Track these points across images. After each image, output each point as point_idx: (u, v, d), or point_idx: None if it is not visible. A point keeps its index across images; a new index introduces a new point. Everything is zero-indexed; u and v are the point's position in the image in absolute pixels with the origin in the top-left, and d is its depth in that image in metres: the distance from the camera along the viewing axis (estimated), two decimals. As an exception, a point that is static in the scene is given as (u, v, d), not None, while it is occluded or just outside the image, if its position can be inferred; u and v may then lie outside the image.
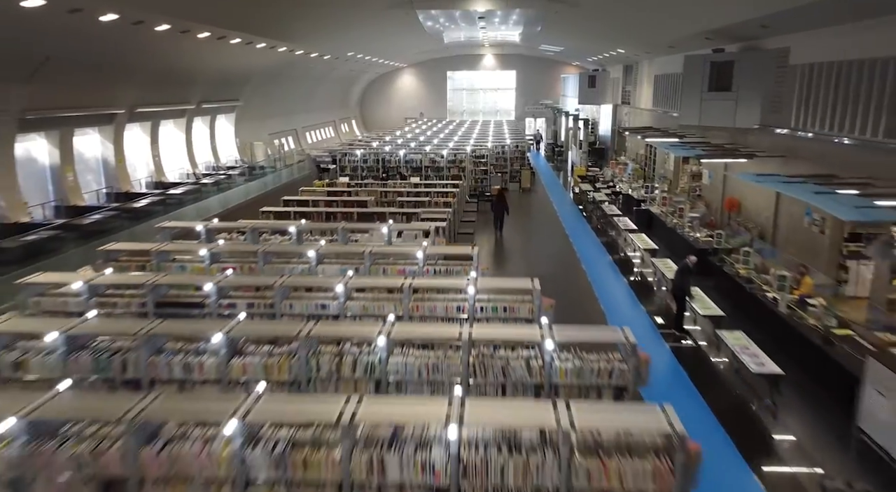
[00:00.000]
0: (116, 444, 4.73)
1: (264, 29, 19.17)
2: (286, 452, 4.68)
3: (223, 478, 4.71)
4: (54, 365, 6.21)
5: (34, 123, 15.01)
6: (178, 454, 4.69)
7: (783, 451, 7.64)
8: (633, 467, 4.55)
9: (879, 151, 10.88)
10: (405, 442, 4.73)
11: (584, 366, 6.02)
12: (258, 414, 4.79)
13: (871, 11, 11.07)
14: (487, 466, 4.59)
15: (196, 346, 6.44)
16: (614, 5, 20.51)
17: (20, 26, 11.69)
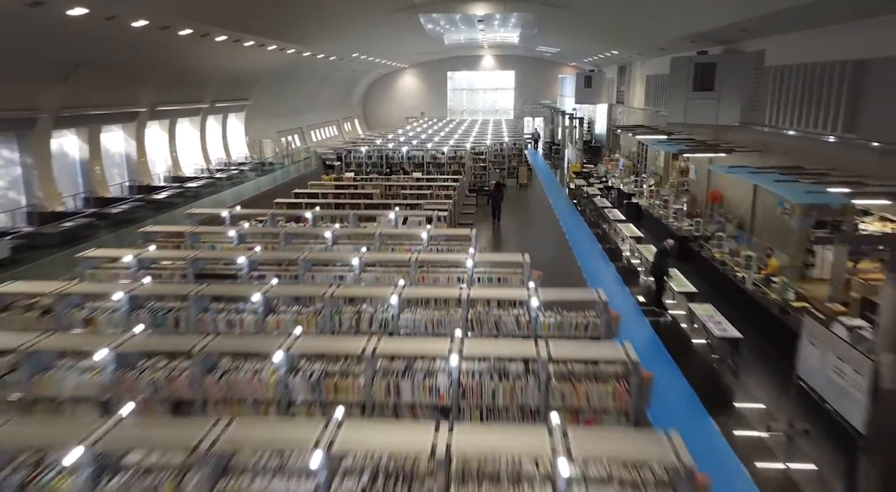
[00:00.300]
0: (184, 372, 5.90)
1: (276, 31, 20.34)
2: (320, 379, 5.85)
3: (270, 399, 5.87)
4: (119, 320, 7.38)
5: (67, 121, 16.24)
6: (235, 381, 5.86)
7: (738, 399, 8.82)
8: (598, 389, 5.72)
9: (839, 145, 12.06)
10: (416, 371, 5.90)
11: (564, 320, 7.19)
12: (297, 349, 5.97)
13: (834, 18, 12.23)
14: (482, 389, 5.76)
15: (236, 306, 7.61)
16: (605, 9, 21.67)
17: (60, 32, 12.84)
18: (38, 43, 12.71)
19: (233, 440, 4.40)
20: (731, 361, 9.48)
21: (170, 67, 18.96)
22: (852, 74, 11.80)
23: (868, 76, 11.50)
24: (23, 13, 10.74)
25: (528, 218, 21.99)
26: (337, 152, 26.33)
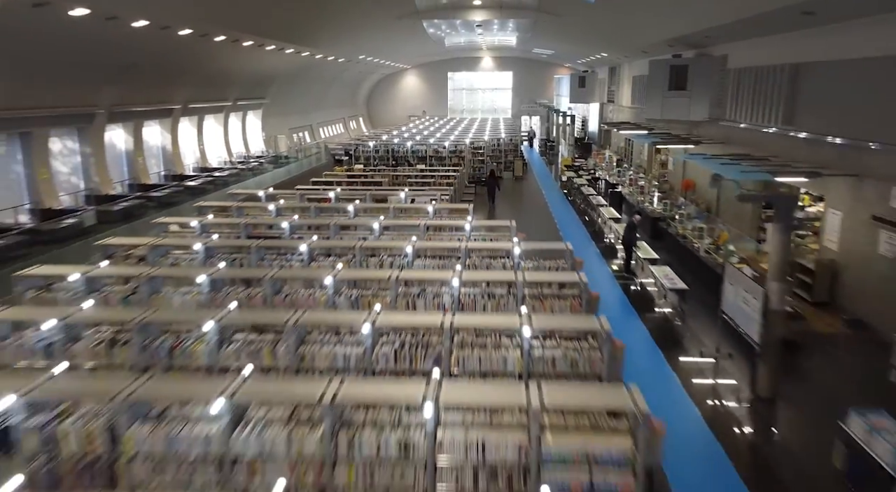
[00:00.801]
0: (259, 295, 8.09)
1: (294, 36, 22.52)
2: (358, 298, 8.03)
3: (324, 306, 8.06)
4: (198, 265, 9.58)
5: (117, 116, 18.46)
6: (296, 299, 8.04)
7: (682, 336, 11.04)
8: (559, 304, 7.91)
9: (780, 136, 14.27)
10: (426, 293, 8.09)
11: (540, 266, 9.39)
12: (339, 277, 8.16)
13: (777, 28, 14.43)
14: (475, 303, 7.95)
15: (285, 256, 9.81)
16: (592, 15, 23.87)
17: (118, 40, 15.01)
18: (99, 50, 14.89)
19: (308, 322, 6.60)
20: (679, 308, 11.70)
21: (201, 70, 21.19)
22: (789, 76, 14.02)
23: (801, 77, 13.72)
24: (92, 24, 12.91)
25: (521, 206, 24.19)
26: (345, 148, 28.53)
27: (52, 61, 14.17)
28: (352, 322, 6.62)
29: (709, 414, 8.58)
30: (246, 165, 25.19)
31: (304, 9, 19.86)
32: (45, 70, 14.35)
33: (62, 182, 17.04)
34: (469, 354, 6.35)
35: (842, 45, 12.05)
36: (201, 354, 6.46)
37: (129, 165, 20.12)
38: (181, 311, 7.50)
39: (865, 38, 11.26)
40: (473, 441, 4.85)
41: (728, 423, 8.39)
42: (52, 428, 4.94)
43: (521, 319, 6.54)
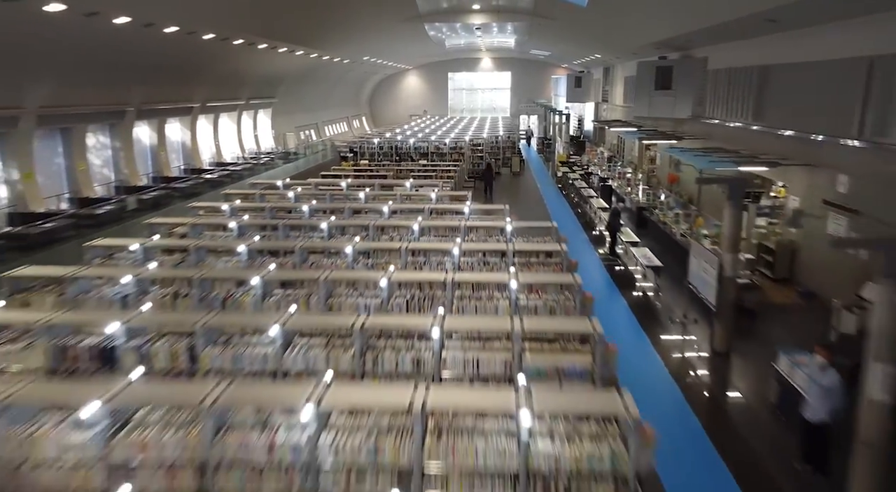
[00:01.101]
0: (290, 262, 9.54)
1: (304, 39, 23.97)
2: (373, 260, 9.48)
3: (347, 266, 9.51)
4: (236, 236, 11.03)
5: (144, 114, 19.95)
6: (321, 264, 9.49)
7: (656, 307, 12.50)
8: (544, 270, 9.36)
9: (750, 131, 15.73)
10: (432, 259, 9.54)
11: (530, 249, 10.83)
12: (357, 247, 9.62)
13: (748, 33, 15.88)
14: (472, 267, 9.40)
15: (307, 234, 11.26)
16: (584, 19, 25.33)
17: (148, 44, 16.45)
18: (131, 53, 16.35)
19: (335, 279, 8.05)
20: (655, 283, 13.17)
21: (218, 71, 22.65)
22: (758, 77, 15.48)
23: (768, 78, 15.18)
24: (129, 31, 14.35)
25: (517, 199, 25.64)
26: (350, 145, 30.00)
27: (92, 64, 15.64)
28: (371, 279, 8.08)
29: (673, 366, 10.05)
30: (257, 160, 26.67)
31: (315, 13, 21.30)
32: (86, 72, 15.83)
33: (95, 174, 18.51)
34: (467, 304, 7.80)
35: (798, 49, 13.52)
36: (248, 305, 7.92)
37: (153, 158, 21.61)
38: (228, 271, 8.95)
39: (815, 45, 12.74)
40: (470, 359, 6.31)
41: (687, 372, 9.85)
42: (147, 348, 6.40)
43: (510, 276, 8.00)
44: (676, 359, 10.36)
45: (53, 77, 14.81)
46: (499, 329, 6.46)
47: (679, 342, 10.89)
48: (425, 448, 4.73)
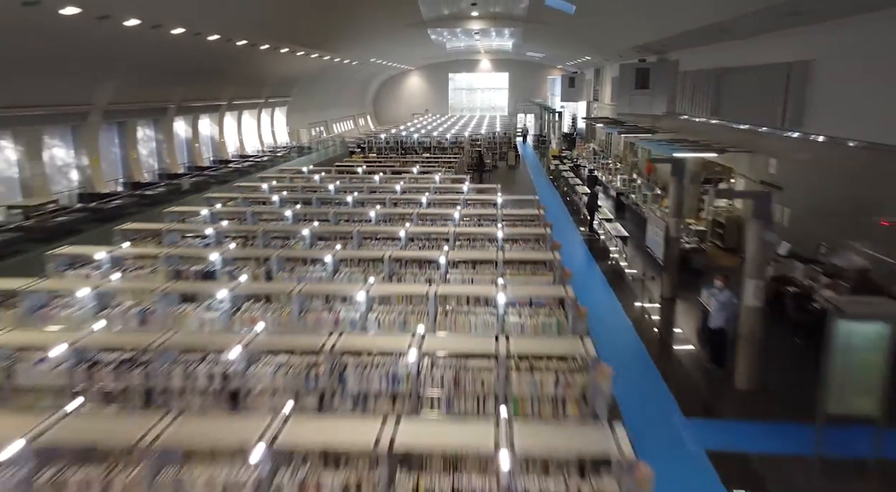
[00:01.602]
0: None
1: (319, 43, 26.53)
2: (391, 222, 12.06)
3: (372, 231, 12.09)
4: (279, 206, 13.59)
5: (182, 110, 22.57)
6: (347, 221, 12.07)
7: (622, 269, 15.09)
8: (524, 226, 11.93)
9: (710, 124, 18.30)
10: (438, 222, 12.10)
11: (515, 214, 13.41)
12: (379, 214, 12.19)
13: (709, 40, 18.43)
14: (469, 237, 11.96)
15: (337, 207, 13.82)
16: (573, 24, 27.89)
17: (189, 48, 18.96)
18: (176, 57, 18.92)
19: (365, 232, 10.62)
20: (622, 250, 15.76)
21: (243, 73, 25.25)
22: (715, 78, 18.04)
23: (723, 79, 17.74)
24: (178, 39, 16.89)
25: (511, 188, 28.20)
26: (358, 141, 32.61)
27: (146, 67, 18.23)
28: (392, 232, 10.67)
29: (631, 312, 12.61)
30: (275, 153, 29.27)
31: (329, 19, 23.85)
32: (140, 74, 18.42)
33: (143, 162, 21.14)
34: (466, 248, 10.38)
35: (744, 55, 16.11)
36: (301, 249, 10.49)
37: (188, 150, 24.21)
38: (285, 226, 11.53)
39: (755, 52, 15.33)
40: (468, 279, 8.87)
41: (642, 315, 12.44)
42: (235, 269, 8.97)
43: (498, 229, 10.59)
44: (635, 307, 12.94)
45: (116, 79, 17.36)
46: (488, 260, 9.04)
47: (637, 294, 13.47)
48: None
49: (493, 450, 4.05)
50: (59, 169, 17.07)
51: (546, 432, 4.46)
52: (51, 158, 16.81)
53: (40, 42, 13.28)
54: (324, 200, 13.94)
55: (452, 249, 10.18)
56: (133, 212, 15.51)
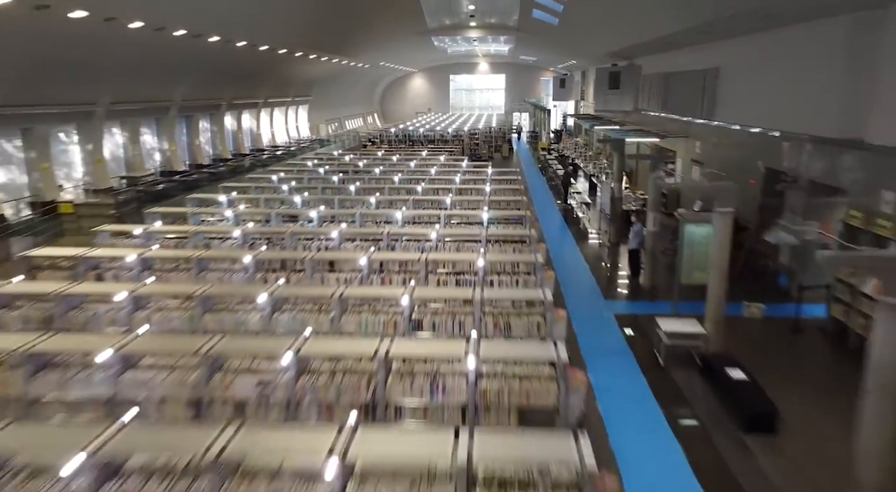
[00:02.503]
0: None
1: (336, 49, 31.01)
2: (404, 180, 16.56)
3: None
4: (322, 175, 18.09)
5: (231, 107, 27.15)
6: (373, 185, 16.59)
7: (587, 227, 19.60)
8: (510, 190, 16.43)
9: (660, 117, 22.80)
10: (442, 186, 16.58)
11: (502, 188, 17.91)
12: (402, 178, 16.68)
13: (659, 50, 22.92)
14: (468, 190, 16.45)
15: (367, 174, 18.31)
16: (557, 33, 32.41)
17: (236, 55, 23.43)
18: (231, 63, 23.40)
19: (392, 187, 15.09)
20: (586, 214, 20.29)
21: (275, 76, 29.78)
22: (665, 80, 22.54)
23: (674, 81, 22.23)
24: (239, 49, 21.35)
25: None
26: (370, 136, 37.14)
27: (210, 71, 22.74)
28: (411, 188, 15.14)
29: (587, 255, 17.09)
30: (299, 144, 33.85)
31: (347, 28, 28.29)
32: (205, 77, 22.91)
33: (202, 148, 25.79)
34: (465, 199, 14.87)
35: (682, 61, 20.62)
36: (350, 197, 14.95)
37: (233, 140, 28.80)
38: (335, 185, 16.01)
39: (687, 59, 19.84)
40: (464, 215, 13.35)
41: (593, 254, 16.93)
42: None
43: (487, 184, 15.07)
44: (590, 251, 17.42)
45: (188, 81, 21.86)
46: (477, 213, 13.52)
47: (593, 242, 17.98)
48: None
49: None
50: (147, 152, 21.66)
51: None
52: (142, 143, 21.46)
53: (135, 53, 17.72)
54: (356, 171, 18.43)
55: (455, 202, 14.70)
56: (204, 184, 20.01)
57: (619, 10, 21.29)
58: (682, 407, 8.57)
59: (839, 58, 9.83)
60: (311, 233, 10.76)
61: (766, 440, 7.63)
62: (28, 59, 14.37)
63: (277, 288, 7.23)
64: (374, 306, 7.29)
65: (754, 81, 15.96)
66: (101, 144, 18.27)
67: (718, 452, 7.54)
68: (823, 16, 11.14)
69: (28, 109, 15.60)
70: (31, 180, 16.73)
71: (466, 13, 31.04)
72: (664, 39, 20.48)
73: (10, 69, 14.29)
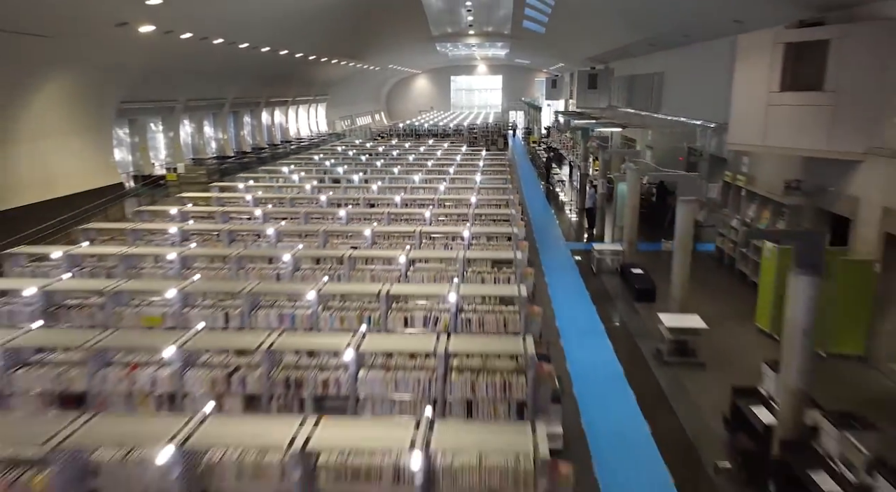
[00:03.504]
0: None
1: (352, 54, 35.83)
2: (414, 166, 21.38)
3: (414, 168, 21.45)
4: (352, 156, 22.91)
5: (269, 104, 32.00)
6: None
7: (563, 199, 24.43)
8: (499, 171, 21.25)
9: (628, 112, 27.61)
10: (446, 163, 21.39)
11: (492, 162, 22.73)
12: (411, 160, 21.51)
13: (627, 55, 27.71)
14: (467, 170, 21.27)
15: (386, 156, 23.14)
16: (544, 39, 37.23)
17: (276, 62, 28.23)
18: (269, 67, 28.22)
19: (409, 164, 19.90)
20: (563, 191, 25.12)
21: (301, 77, 34.62)
22: (629, 81, 27.35)
23: (635, 82, 27.05)
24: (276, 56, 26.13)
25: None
26: (380, 131, 41.97)
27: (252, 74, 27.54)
28: (423, 166, 19.95)
29: (558, 214, 21.90)
30: (320, 137, 38.73)
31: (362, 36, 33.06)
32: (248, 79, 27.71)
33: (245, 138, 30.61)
34: (465, 174, 19.67)
35: (640, 66, 25.45)
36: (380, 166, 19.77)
37: (269, 132, 33.71)
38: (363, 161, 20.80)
39: (643, 64, 24.68)
40: (458, 183, 18.18)
41: (565, 220, 21.74)
42: (350, 177, 18.33)
43: (480, 161, 19.90)
44: (561, 213, 22.24)
45: (238, 83, 26.64)
46: (473, 176, 18.33)
47: (565, 208, 22.80)
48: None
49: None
50: (206, 140, 26.54)
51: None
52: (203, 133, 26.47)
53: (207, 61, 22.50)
54: (377, 154, 23.23)
55: (457, 167, 19.50)
56: (252, 165, 24.86)
57: (591, 23, 26.08)
58: (601, 292, 13.40)
59: (725, 67, 14.52)
60: (357, 187, 15.52)
61: (647, 304, 12.44)
62: (142, 68, 19.21)
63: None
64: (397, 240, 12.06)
65: (683, 83, 20.88)
66: (178, 132, 23.08)
67: (618, 309, 12.36)
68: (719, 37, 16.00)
69: (134, 105, 20.49)
70: (135, 159, 21.59)
71: (466, 23, 35.85)
72: (625, 48, 25.33)
73: (129, 77, 19.14)
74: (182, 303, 7.34)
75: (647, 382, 9.31)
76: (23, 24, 12.75)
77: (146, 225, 11.04)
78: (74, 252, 9.19)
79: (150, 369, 5.80)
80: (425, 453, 4.03)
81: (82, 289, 7.74)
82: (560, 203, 24.39)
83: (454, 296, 7.05)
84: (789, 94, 10.74)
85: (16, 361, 5.86)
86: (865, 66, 9.61)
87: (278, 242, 10.41)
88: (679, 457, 7.33)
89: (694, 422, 8.10)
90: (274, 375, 5.70)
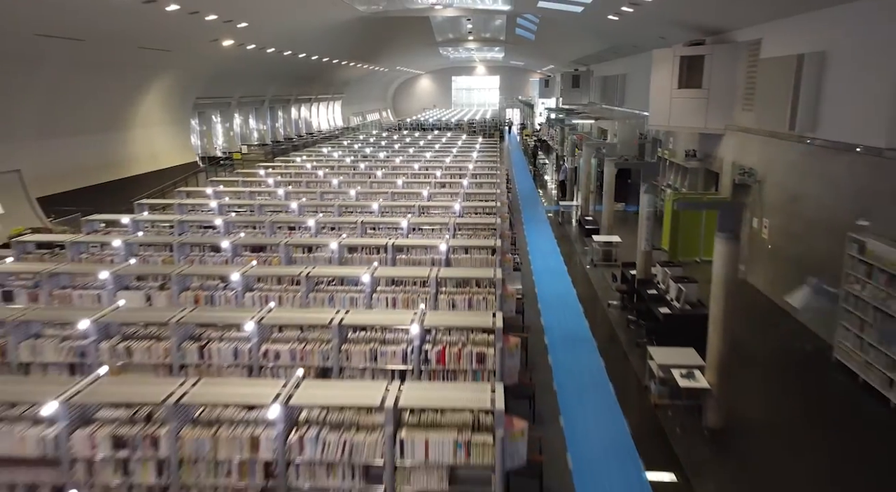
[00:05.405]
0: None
1: (366, 58, 40.97)
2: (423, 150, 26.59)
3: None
4: (370, 143, 28.11)
5: (297, 101, 37.18)
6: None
7: (548, 182, 29.60)
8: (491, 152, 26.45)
9: (602, 107, 32.75)
10: (449, 150, 26.58)
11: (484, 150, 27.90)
12: (420, 146, 26.71)
13: (613, 57, 32.84)
14: (466, 153, 26.43)
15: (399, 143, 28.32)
16: (534, 45, 42.40)
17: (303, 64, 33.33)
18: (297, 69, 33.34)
19: (412, 153, 25.07)
20: (551, 175, 30.31)
21: (322, 78, 39.79)
22: (603, 81, 32.50)
23: (607, 82, 32.20)
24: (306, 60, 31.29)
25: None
26: (389, 126, 47.18)
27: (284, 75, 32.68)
28: (430, 147, 25.14)
29: (539, 187, 27.08)
30: (338, 130, 43.96)
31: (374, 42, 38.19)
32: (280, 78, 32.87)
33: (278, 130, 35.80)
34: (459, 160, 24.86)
35: (613, 68, 30.64)
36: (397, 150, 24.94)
37: (296, 125, 38.92)
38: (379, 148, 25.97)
39: (614, 67, 29.86)
40: (454, 164, 23.39)
41: (544, 188, 26.93)
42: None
43: (476, 147, 25.09)
44: (543, 187, 27.41)
45: (277, 82, 31.75)
46: (471, 154, 23.53)
47: (546, 184, 27.97)
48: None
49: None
50: (251, 130, 31.76)
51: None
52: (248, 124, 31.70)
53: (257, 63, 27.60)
54: (393, 140, 28.40)
55: (458, 149, 24.67)
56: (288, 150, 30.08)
57: (569, 33, 31.26)
58: (563, 234, 18.60)
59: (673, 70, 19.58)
60: (382, 161, 20.74)
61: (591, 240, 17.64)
62: (212, 72, 24.44)
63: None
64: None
65: (639, 82, 26.06)
66: (233, 123, 28.22)
67: (572, 244, 17.57)
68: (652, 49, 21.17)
69: (203, 101, 25.74)
70: (202, 143, 26.82)
71: (466, 30, 41.01)
72: (598, 54, 30.53)
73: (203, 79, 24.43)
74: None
75: (581, 274, 14.56)
76: (151, 42, 17.91)
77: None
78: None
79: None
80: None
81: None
82: (543, 181, 29.56)
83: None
84: (683, 91, 15.92)
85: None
86: (724, 72, 14.82)
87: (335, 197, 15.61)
88: (590, 303, 12.55)
89: (600, 286, 13.35)
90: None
